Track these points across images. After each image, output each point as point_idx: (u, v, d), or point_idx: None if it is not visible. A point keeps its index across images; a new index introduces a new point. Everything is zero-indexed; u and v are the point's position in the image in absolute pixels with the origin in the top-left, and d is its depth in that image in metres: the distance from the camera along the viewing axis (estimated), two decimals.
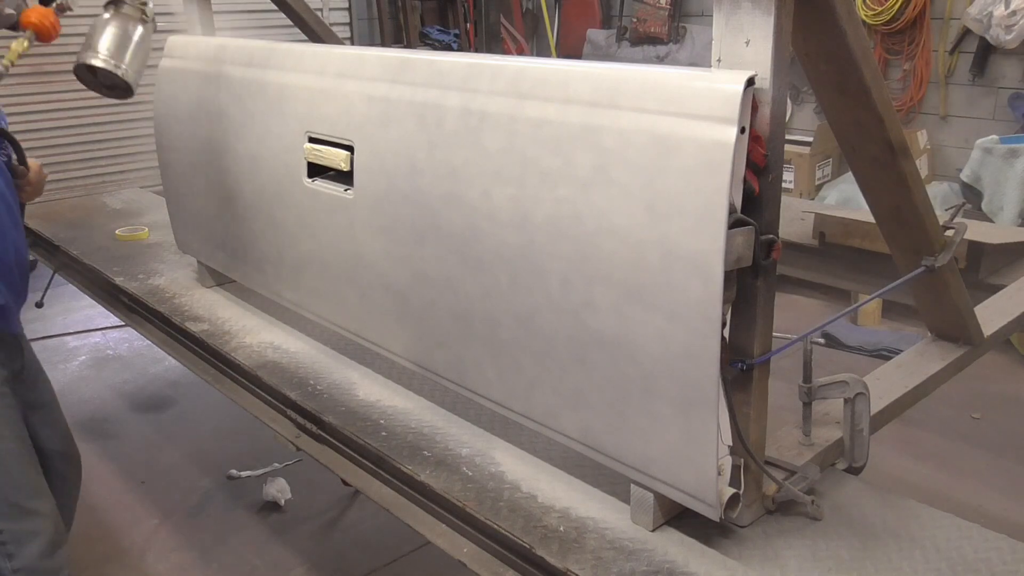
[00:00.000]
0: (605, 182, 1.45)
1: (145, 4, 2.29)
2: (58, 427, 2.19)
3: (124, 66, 2.25)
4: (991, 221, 4.81)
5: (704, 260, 1.32)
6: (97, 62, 2.24)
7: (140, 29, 2.29)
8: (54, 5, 2.06)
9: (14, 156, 2.09)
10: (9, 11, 2.04)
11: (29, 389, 2.08)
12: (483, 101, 1.68)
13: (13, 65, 2.00)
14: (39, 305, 3.52)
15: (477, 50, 7.46)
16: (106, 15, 2.29)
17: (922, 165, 5.44)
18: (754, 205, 1.39)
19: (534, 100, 1.58)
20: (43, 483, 2.00)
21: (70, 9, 2.07)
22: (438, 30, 7.74)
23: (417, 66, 1.91)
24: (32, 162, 2.13)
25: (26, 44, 2.01)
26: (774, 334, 1.52)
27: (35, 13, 1.99)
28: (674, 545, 1.55)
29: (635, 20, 7.07)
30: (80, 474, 2.27)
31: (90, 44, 2.25)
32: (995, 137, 5.10)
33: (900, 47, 5.69)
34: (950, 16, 5.49)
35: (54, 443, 2.16)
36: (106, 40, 2.25)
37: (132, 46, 2.27)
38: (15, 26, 2.09)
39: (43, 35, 2.02)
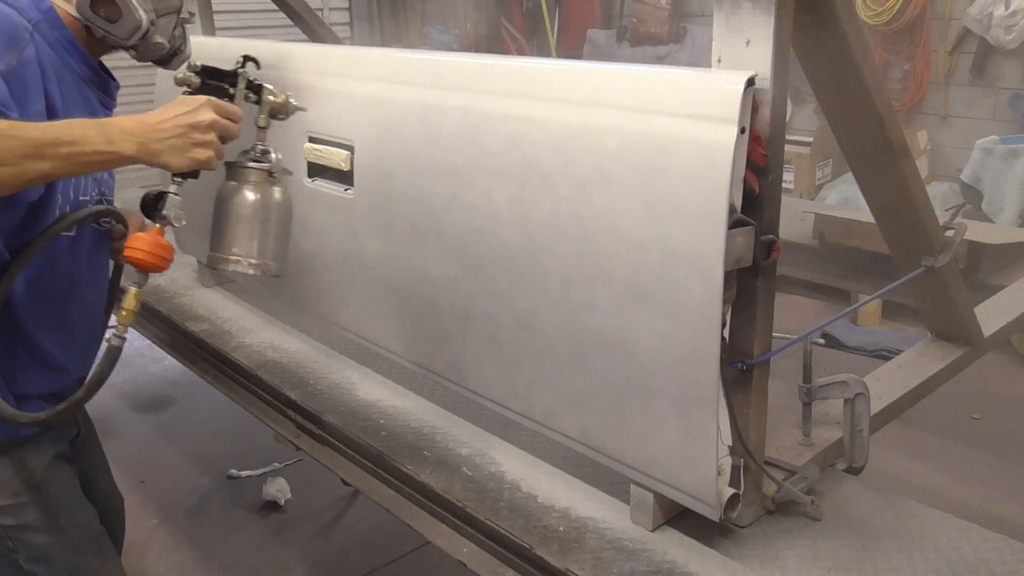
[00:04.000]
0: (605, 182, 1.45)
1: (268, 154, 1.64)
2: (108, 480, 2.00)
3: (257, 258, 1.60)
4: (991, 221, 4.81)
5: (704, 260, 1.32)
6: (231, 267, 1.60)
7: (275, 195, 1.62)
8: (158, 222, 1.49)
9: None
10: (160, 40, 1.68)
11: (82, 453, 1.84)
12: (483, 101, 1.68)
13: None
14: None
15: (477, 50, 7.46)
16: (229, 196, 1.62)
17: (922, 165, 5.44)
18: (754, 205, 1.39)
19: (534, 100, 1.58)
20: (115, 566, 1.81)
21: (174, 226, 1.50)
22: (438, 30, 7.74)
23: (417, 66, 1.91)
24: (133, 217, 1.71)
25: (139, 296, 1.52)
26: (774, 334, 1.52)
27: (143, 243, 1.44)
28: (674, 545, 1.55)
29: (635, 20, 7.06)
30: (124, 517, 2.07)
31: (220, 243, 1.61)
32: (995, 137, 5.10)
33: (900, 47, 5.69)
34: (950, 16, 5.49)
35: (108, 500, 1.96)
36: (233, 233, 1.60)
37: (265, 228, 1.61)
38: (164, 60, 1.76)
39: (156, 270, 1.48)
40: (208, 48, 2.63)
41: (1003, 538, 1.55)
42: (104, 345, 1.57)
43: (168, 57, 1.78)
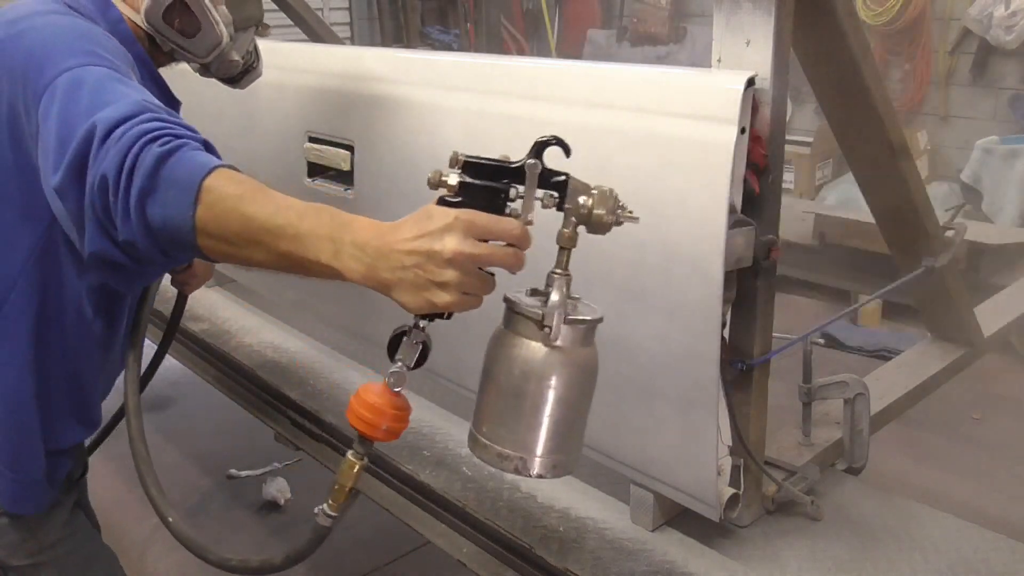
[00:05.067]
0: (605, 182, 1.45)
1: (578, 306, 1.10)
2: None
3: (544, 455, 1.05)
4: (991, 222, 4.81)
5: (704, 260, 1.32)
6: (492, 463, 1.07)
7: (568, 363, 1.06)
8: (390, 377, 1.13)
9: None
10: (236, 58, 1.50)
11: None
12: (483, 101, 1.68)
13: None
14: None
15: (477, 50, 7.46)
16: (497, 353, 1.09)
17: (922, 166, 5.44)
18: (754, 205, 1.39)
19: (534, 100, 1.58)
20: None
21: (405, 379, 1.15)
22: (438, 30, 7.74)
23: (417, 66, 1.91)
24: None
25: (356, 469, 1.22)
26: (774, 334, 1.52)
27: (363, 406, 1.15)
28: (674, 545, 1.55)
29: (635, 20, 7.06)
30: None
31: (482, 419, 1.10)
32: (995, 138, 5.10)
33: (900, 47, 5.68)
34: (950, 17, 5.49)
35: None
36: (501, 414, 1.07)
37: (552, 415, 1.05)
38: (234, 80, 1.59)
39: (382, 440, 1.18)
40: None
41: (1003, 538, 1.55)
42: (314, 523, 1.33)
43: (239, 76, 1.60)
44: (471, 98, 1.71)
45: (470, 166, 1.01)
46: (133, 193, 0.98)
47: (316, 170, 2.13)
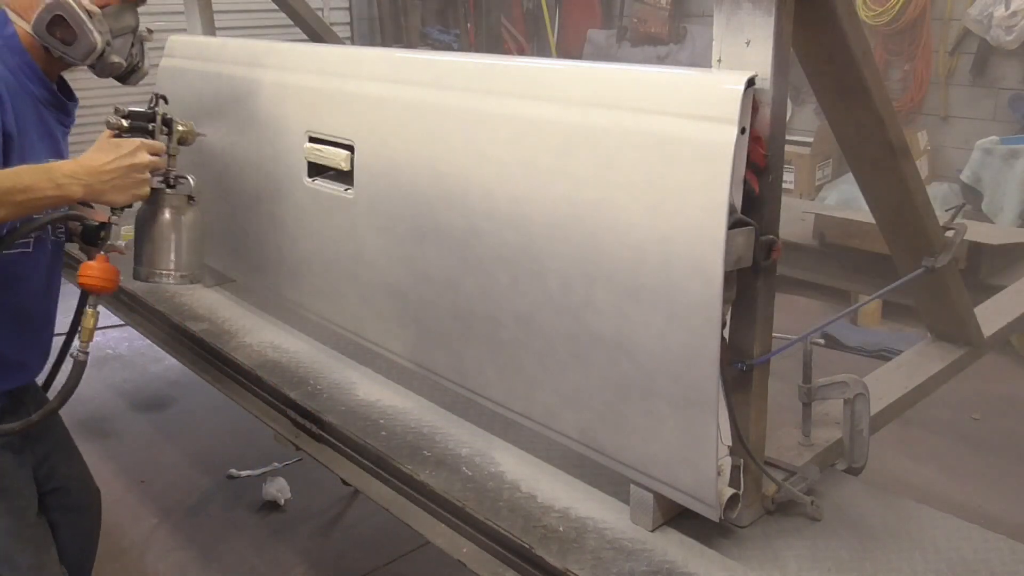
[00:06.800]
0: (605, 182, 1.45)
1: (184, 179, 1.82)
2: (72, 463, 2.05)
3: (181, 271, 1.84)
4: (991, 222, 4.81)
5: (704, 260, 1.32)
6: (154, 280, 1.85)
7: (190, 214, 1.84)
8: (102, 251, 1.72)
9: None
10: (116, 60, 1.78)
11: (38, 439, 1.92)
12: (483, 101, 1.68)
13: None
14: None
15: (477, 50, 7.47)
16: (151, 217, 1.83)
17: (922, 166, 5.44)
18: (754, 205, 1.39)
19: (534, 100, 1.58)
20: (44, 558, 1.85)
21: (122, 253, 1.74)
22: (438, 30, 7.74)
23: (417, 66, 1.91)
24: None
25: (95, 316, 1.75)
26: (774, 334, 1.52)
27: (94, 271, 1.68)
28: (674, 545, 1.55)
29: (635, 20, 7.06)
30: (100, 507, 2.11)
31: (145, 259, 1.84)
32: (995, 138, 5.10)
33: (900, 47, 5.68)
34: (950, 17, 5.49)
35: (69, 480, 2.01)
36: (157, 251, 1.83)
37: (179, 243, 1.83)
38: (122, 78, 1.88)
39: (108, 293, 1.73)
40: (208, 48, 2.63)
41: (1003, 539, 1.55)
42: (71, 361, 1.76)
43: (126, 74, 1.88)
44: (471, 98, 1.71)
45: (131, 115, 1.75)
46: None
47: (316, 170, 2.13)
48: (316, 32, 3.68)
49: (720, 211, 1.29)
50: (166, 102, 1.83)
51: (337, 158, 2.03)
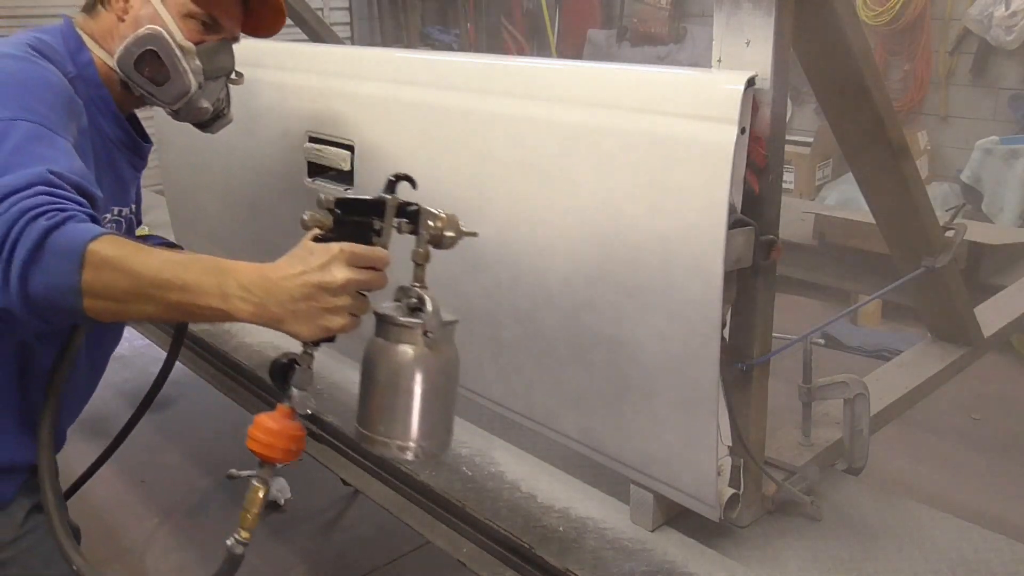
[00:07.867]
0: (605, 182, 1.45)
1: (424, 303, 1.25)
2: None
3: (420, 442, 1.23)
4: (991, 222, 4.81)
5: (704, 260, 1.32)
6: (378, 450, 1.26)
7: (433, 358, 1.25)
8: (288, 402, 1.32)
9: None
10: (205, 104, 1.55)
11: None
12: (483, 101, 1.68)
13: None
14: None
15: (477, 50, 7.47)
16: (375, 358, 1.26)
17: (922, 166, 5.44)
18: (754, 205, 1.39)
19: (534, 100, 1.58)
20: None
21: (297, 412, 1.33)
22: (438, 30, 7.75)
23: (417, 66, 1.91)
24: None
25: (262, 494, 1.30)
26: (774, 334, 1.52)
27: (263, 432, 1.31)
28: (674, 545, 1.55)
29: (635, 20, 7.06)
30: None
31: (367, 417, 1.28)
32: (995, 138, 5.10)
33: (900, 47, 5.68)
34: (950, 17, 5.49)
35: None
36: (380, 409, 1.26)
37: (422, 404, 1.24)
38: (204, 124, 1.65)
39: (282, 463, 1.30)
40: None
41: (1003, 538, 1.55)
42: (226, 552, 1.38)
43: (210, 121, 1.66)
44: (471, 98, 1.71)
45: (342, 204, 1.18)
46: (15, 264, 1.03)
47: (316, 170, 2.13)
48: (316, 32, 3.68)
49: (720, 211, 1.29)
50: (413, 185, 1.29)
51: (337, 158, 2.03)
